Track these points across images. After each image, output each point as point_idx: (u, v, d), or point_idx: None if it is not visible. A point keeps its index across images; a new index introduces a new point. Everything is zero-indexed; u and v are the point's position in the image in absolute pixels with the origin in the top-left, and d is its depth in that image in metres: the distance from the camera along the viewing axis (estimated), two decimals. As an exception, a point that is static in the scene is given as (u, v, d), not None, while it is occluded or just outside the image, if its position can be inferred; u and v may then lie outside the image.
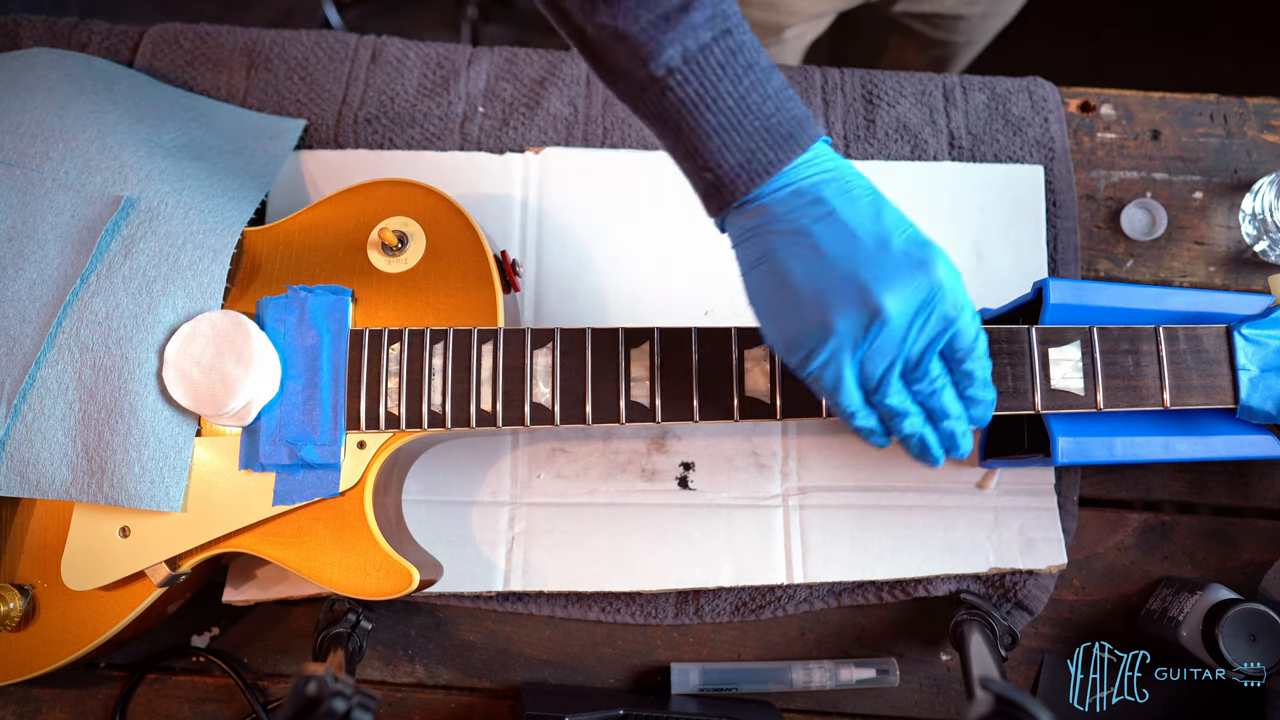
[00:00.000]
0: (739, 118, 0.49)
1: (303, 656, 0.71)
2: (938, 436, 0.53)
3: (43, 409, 0.59)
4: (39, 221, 0.62)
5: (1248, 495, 0.74)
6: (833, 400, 0.51)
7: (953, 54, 1.09)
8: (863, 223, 0.49)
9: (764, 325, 0.52)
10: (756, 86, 0.49)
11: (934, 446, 0.53)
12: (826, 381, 0.50)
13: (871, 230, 0.49)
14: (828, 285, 0.48)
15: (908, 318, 0.48)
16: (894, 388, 0.51)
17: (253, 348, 0.58)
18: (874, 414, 0.52)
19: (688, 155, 0.51)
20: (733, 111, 0.49)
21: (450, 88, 0.78)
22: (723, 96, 0.49)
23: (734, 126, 0.49)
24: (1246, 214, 0.76)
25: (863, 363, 0.50)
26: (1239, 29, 1.70)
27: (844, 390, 0.50)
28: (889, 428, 0.53)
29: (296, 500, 0.59)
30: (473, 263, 0.63)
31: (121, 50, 0.79)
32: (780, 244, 0.49)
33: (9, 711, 0.69)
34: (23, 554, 0.62)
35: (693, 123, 0.49)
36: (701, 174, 0.50)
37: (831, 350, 0.49)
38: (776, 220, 0.50)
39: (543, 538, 0.69)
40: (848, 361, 0.49)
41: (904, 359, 0.50)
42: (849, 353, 0.49)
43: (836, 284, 0.48)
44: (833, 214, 0.49)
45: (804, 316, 0.49)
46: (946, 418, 0.52)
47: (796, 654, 0.71)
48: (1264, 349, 0.61)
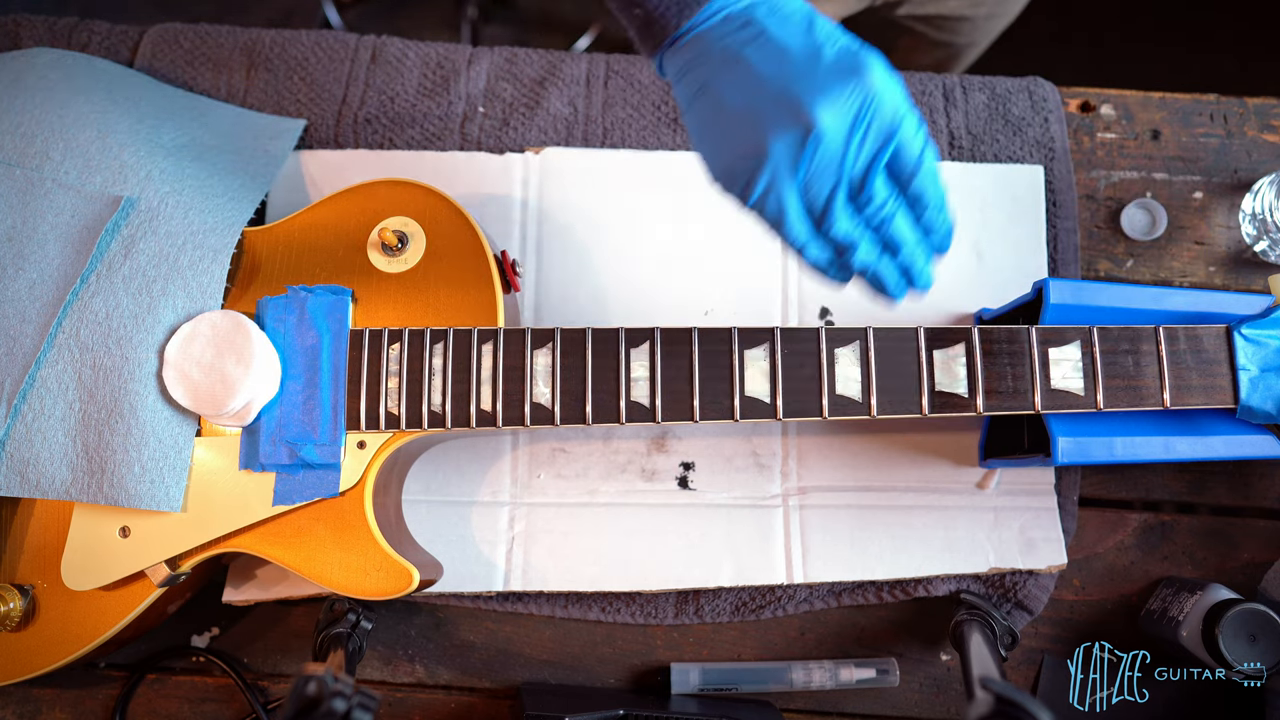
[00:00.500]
0: None
1: (303, 656, 0.71)
2: (895, 268, 0.51)
3: (43, 409, 0.59)
4: (39, 221, 0.62)
5: (1248, 495, 0.74)
6: (779, 232, 0.49)
7: (955, 55, 1.09)
8: (793, 38, 0.47)
9: (705, 161, 0.50)
10: None
11: (889, 278, 0.51)
12: (769, 211, 0.48)
13: (802, 45, 0.47)
14: (760, 106, 0.47)
15: (844, 132, 0.46)
16: (840, 213, 0.48)
17: (253, 348, 0.58)
18: (827, 245, 0.50)
19: None
20: None
21: (450, 88, 0.78)
22: None
23: None
24: (1246, 214, 0.76)
25: (805, 187, 0.48)
26: (1239, 29, 1.70)
27: (788, 220, 0.48)
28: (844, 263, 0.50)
29: (296, 500, 0.59)
30: (473, 263, 0.63)
31: (121, 50, 0.79)
32: (714, 72, 0.48)
33: (9, 711, 0.69)
34: (23, 554, 0.62)
35: None
36: (633, 11, 0.49)
37: (770, 175, 0.47)
38: (709, 49, 0.48)
39: (543, 538, 0.69)
40: (789, 187, 0.47)
41: (848, 180, 0.48)
42: (789, 177, 0.47)
43: (768, 103, 0.46)
44: (763, 33, 0.47)
45: (740, 142, 0.47)
46: (902, 246, 0.50)
47: (796, 654, 0.71)
48: (1264, 349, 0.61)
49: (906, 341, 0.60)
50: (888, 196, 0.49)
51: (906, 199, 0.50)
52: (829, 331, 0.60)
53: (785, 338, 0.60)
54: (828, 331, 0.60)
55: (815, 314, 0.73)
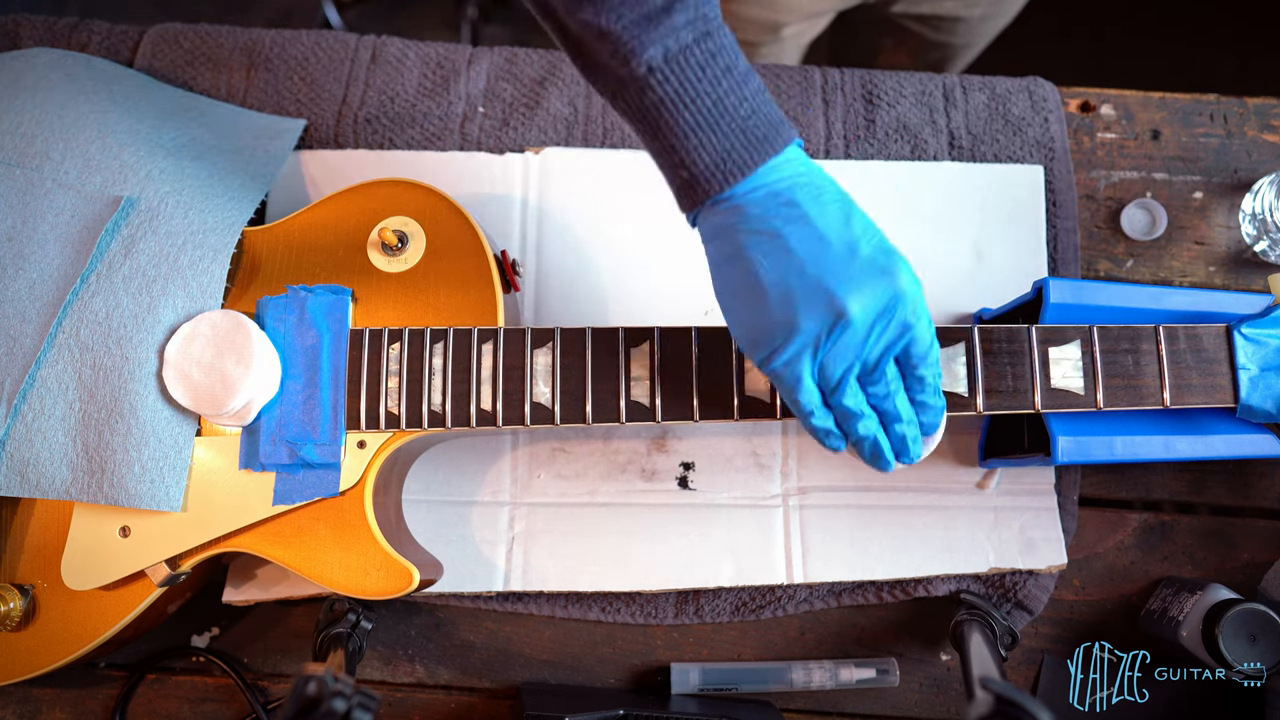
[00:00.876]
0: (715, 118, 0.50)
1: (303, 656, 0.71)
2: (890, 440, 0.55)
3: (43, 409, 0.59)
4: (39, 221, 0.62)
5: (1248, 495, 0.74)
6: (792, 398, 0.53)
7: (950, 56, 1.09)
8: (832, 227, 0.50)
9: (731, 321, 0.53)
10: (734, 89, 0.50)
11: (885, 449, 0.55)
12: (787, 379, 0.52)
13: (841, 235, 0.50)
14: (796, 286, 0.50)
15: (869, 322, 0.50)
16: (850, 389, 0.52)
17: (253, 348, 0.58)
18: (830, 415, 0.54)
19: (664, 152, 0.51)
20: (710, 112, 0.50)
21: (450, 88, 0.78)
22: (701, 97, 0.49)
23: (710, 126, 0.50)
24: (1246, 214, 0.76)
25: (822, 364, 0.51)
26: (1239, 28, 1.71)
27: (803, 389, 0.52)
28: (844, 429, 0.54)
29: (296, 500, 0.59)
30: (473, 263, 0.63)
31: (121, 50, 0.79)
32: (751, 243, 0.50)
33: (9, 711, 0.69)
34: (23, 554, 0.62)
35: (670, 121, 0.50)
36: (677, 171, 0.51)
37: (795, 349, 0.50)
38: (748, 220, 0.50)
39: (543, 538, 0.69)
40: (808, 361, 0.51)
41: (862, 361, 0.51)
42: (810, 353, 0.51)
43: (805, 285, 0.49)
44: (804, 217, 0.50)
45: (771, 315, 0.50)
46: (898, 421, 0.54)
47: (796, 654, 0.71)
48: (1264, 348, 0.61)
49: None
50: (894, 378, 0.53)
51: (908, 381, 0.54)
52: (829, 331, 0.60)
53: (785, 337, 0.60)
54: (828, 331, 0.60)
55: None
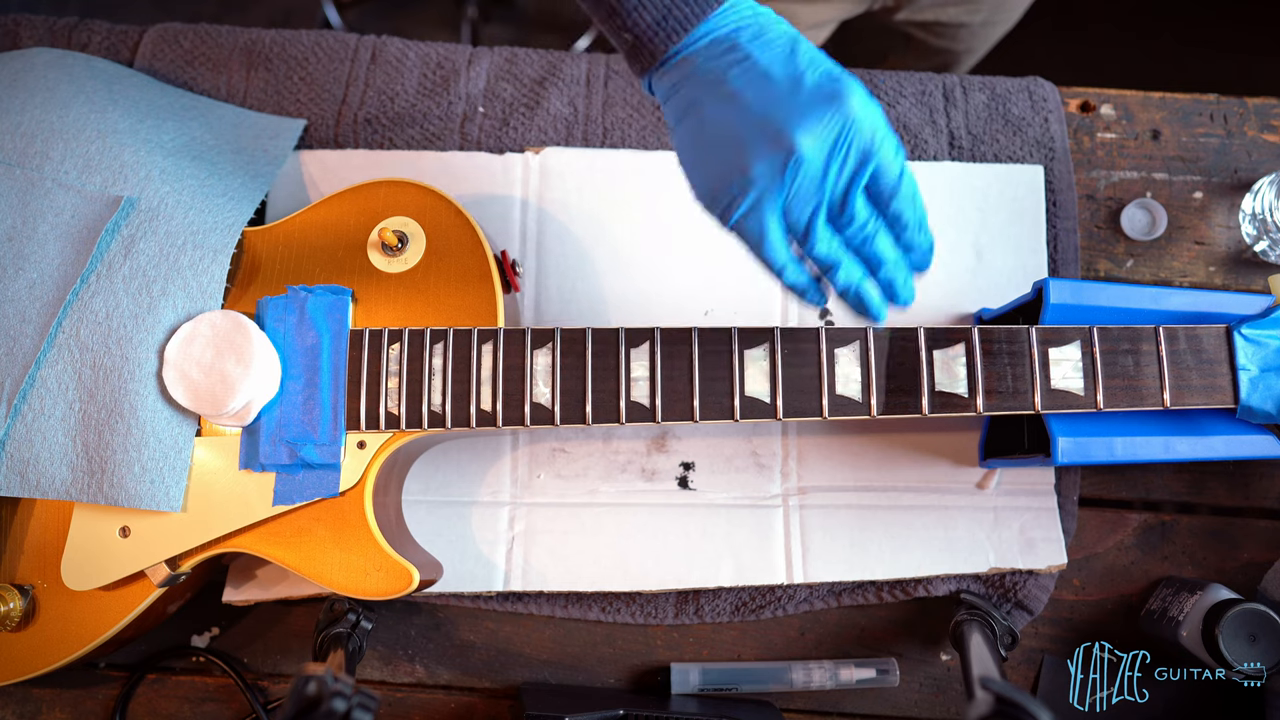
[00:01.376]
0: None
1: (303, 656, 0.71)
2: (878, 287, 0.52)
3: (43, 409, 0.59)
4: (39, 221, 0.62)
5: (1248, 495, 0.74)
6: (759, 255, 0.50)
7: (953, 61, 1.09)
8: (776, 64, 0.48)
9: (690, 180, 0.52)
10: None
11: (870, 299, 0.52)
12: (751, 233, 0.50)
13: (785, 69, 0.48)
14: (743, 129, 0.48)
15: (824, 156, 0.47)
16: (821, 235, 0.49)
17: (253, 348, 0.58)
18: (803, 270, 0.51)
19: (609, 16, 0.50)
20: None
21: (450, 88, 0.78)
22: None
23: None
24: (1246, 214, 0.76)
25: (786, 210, 0.49)
26: (1239, 28, 1.70)
27: (769, 242, 0.49)
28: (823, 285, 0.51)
29: (296, 500, 0.59)
30: (473, 263, 0.63)
31: (121, 50, 0.79)
32: (699, 94, 0.49)
33: (9, 711, 0.69)
34: (23, 554, 0.62)
35: None
36: (622, 35, 0.50)
37: (752, 198, 0.48)
38: (696, 71, 0.49)
39: (543, 538, 0.69)
40: (770, 210, 0.49)
41: (828, 202, 0.49)
42: (770, 200, 0.48)
43: (751, 128, 0.48)
44: (748, 58, 0.48)
45: (723, 164, 0.49)
46: (883, 264, 0.51)
47: (796, 654, 0.71)
48: (1264, 349, 0.61)
49: (907, 341, 0.60)
50: (868, 217, 0.50)
51: (886, 219, 0.51)
52: (829, 331, 0.60)
53: (785, 338, 0.60)
54: (828, 331, 0.60)
55: (815, 314, 0.73)
